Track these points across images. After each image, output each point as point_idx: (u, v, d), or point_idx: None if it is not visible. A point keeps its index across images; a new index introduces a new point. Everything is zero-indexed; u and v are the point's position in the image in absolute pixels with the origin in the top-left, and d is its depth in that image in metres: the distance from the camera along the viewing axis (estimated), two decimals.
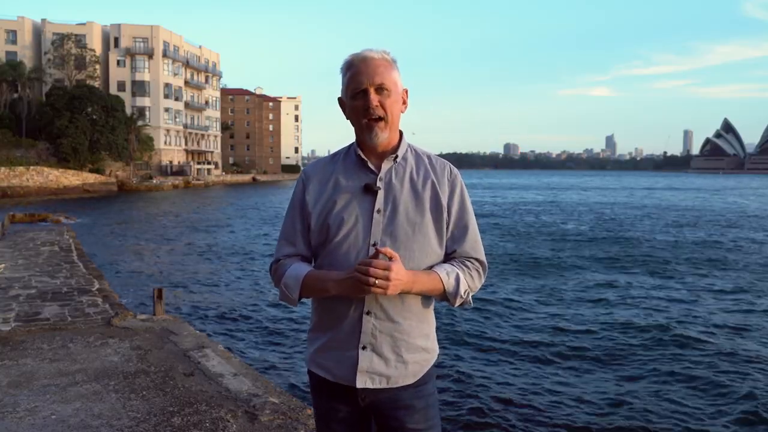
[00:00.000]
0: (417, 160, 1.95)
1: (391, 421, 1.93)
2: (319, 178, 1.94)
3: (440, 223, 1.90)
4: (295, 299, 1.89)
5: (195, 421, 4.12)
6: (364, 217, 1.85)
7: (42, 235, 17.51)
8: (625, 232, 29.66)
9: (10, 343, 6.06)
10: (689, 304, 13.92)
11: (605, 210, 46.41)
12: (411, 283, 1.78)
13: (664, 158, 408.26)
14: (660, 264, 19.70)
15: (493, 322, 11.90)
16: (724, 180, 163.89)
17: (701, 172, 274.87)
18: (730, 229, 31.58)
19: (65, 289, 9.28)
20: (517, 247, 23.72)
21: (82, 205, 42.75)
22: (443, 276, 1.85)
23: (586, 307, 13.48)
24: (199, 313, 12.65)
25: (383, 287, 1.71)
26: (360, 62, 1.86)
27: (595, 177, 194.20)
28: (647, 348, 10.32)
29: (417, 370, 1.92)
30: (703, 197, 68.40)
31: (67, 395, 4.61)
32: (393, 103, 1.88)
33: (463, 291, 1.86)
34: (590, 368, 9.26)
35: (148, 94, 79.41)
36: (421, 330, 1.92)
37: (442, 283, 1.84)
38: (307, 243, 1.94)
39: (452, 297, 1.86)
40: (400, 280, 1.73)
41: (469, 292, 1.90)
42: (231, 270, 18.38)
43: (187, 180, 77.86)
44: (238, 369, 5.30)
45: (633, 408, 7.69)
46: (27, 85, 66.17)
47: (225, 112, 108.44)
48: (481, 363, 9.45)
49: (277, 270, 1.94)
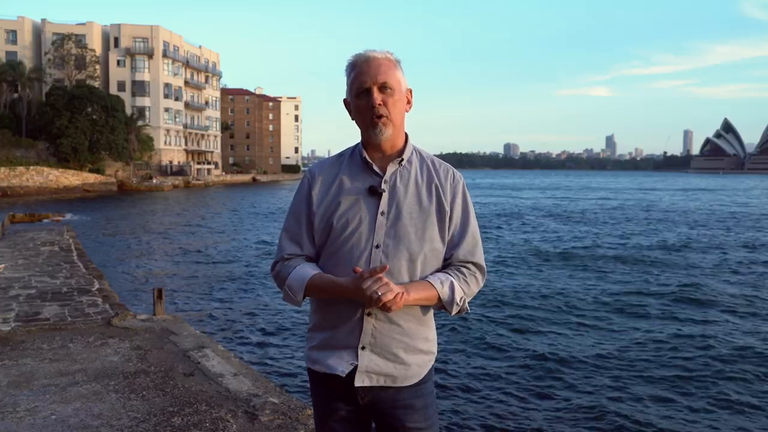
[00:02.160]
0: (421, 164, 1.97)
1: (390, 420, 1.93)
2: (324, 179, 1.95)
3: (443, 226, 1.91)
4: (299, 301, 1.90)
5: (195, 421, 4.12)
6: (369, 219, 1.86)
7: (42, 235, 17.50)
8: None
9: (10, 343, 6.06)
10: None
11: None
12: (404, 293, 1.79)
13: (664, 158, 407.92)
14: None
15: (493, 321, 11.90)
16: (746, 179, 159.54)
17: (701, 172, 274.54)
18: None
19: (65, 289, 9.27)
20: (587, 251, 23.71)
21: (82, 205, 42.75)
22: (437, 285, 1.86)
23: (598, 310, 13.48)
24: (199, 313, 12.65)
25: (389, 306, 1.75)
26: (363, 62, 1.87)
27: (622, 177, 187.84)
28: (651, 351, 10.32)
29: (416, 371, 1.93)
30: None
31: (67, 395, 4.61)
32: (397, 102, 1.89)
33: (458, 299, 1.88)
34: (590, 371, 9.27)
35: (148, 94, 79.39)
36: (421, 332, 1.93)
37: (436, 291, 1.85)
38: (312, 241, 1.94)
39: (448, 305, 1.88)
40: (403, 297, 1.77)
41: (465, 298, 1.91)
42: (231, 270, 18.37)
43: (187, 180, 77.83)
44: (238, 369, 5.30)
45: (636, 413, 7.69)
46: (27, 85, 66.15)
47: (225, 112, 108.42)
48: (481, 361, 9.45)
49: (281, 271, 1.93)
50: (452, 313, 1.90)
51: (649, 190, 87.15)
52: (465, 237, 1.94)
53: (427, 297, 1.85)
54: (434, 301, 1.87)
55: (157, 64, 79.92)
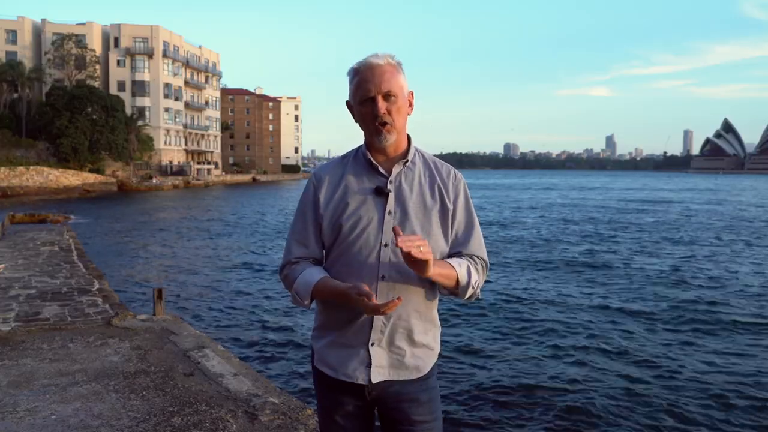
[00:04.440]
0: (424, 165, 2.03)
1: (396, 414, 1.99)
2: (330, 180, 1.99)
3: (446, 225, 1.98)
4: (307, 305, 1.96)
5: (195, 421, 4.12)
6: (377, 218, 1.92)
7: (42, 235, 17.49)
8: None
9: (10, 343, 6.06)
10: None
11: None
12: (431, 263, 1.80)
13: (664, 158, 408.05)
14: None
15: (492, 322, 11.90)
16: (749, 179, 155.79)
17: (701, 172, 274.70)
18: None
19: (65, 289, 9.27)
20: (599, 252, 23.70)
21: (82, 205, 42.73)
22: (456, 266, 1.92)
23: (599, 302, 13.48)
24: (199, 313, 12.65)
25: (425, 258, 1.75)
26: (367, 70, 1.91)
27: (627, 177, 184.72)
28: (661, 345, 10.32)
29: (422, 365, 1.99)
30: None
31: (67, 395, 4.61)
32: (400, 108, 1.94)
33: (474, 282, 1.94)
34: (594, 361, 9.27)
35: (148, 94, 79.40)
36: (426, 328, 2.00)
37: (455, 272, 1.90)
38: (320, 244, 2.00)
39: (464, 287, 1.93)
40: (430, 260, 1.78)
41: (478, 284, 1.97)
42: (231, 270, 18.37)
43: (187, 180, 77.83)
44: (238, 369, 5.30)
45: (640, 406, 7.69)
46: (27, 85, 66.18)
47: (225, 112, 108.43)
48: (481, 360, 9.45)
49: (289, 275, 1.99)
50: (465, 297, 1.95)
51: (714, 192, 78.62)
52: (468, 234, 2.01)
53: (448, 275, 1.90)
54: (453, 280, 1.91)
55: (157, 64, 79.93)
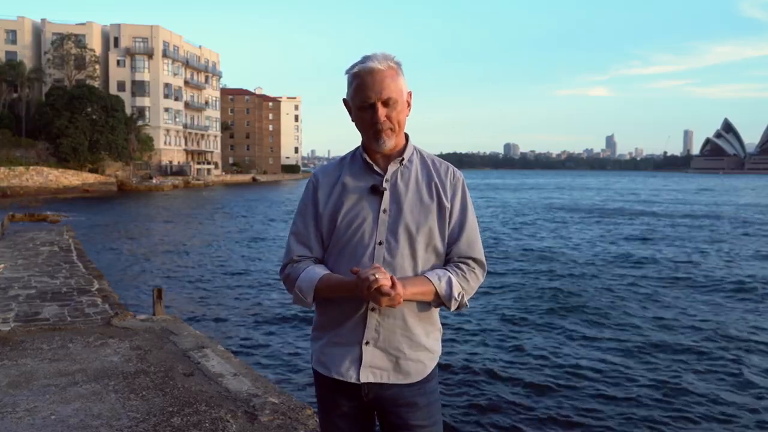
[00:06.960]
0: (422, 163, 2.01)
1: (394, 418, 1.97)
2: (328, 181, 2.00)
3: (443, 223, 1.96)
4: (310, 302, 1.95)
5: (195, 422, 4.11)
6: (371, 217, 1.92)
7: (42, 235, 17.49)
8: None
9: (10, 343, 6.05)
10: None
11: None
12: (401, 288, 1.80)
13: (664, 158, 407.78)
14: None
15: (493, 320, 11.89)
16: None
17: (701, 172, 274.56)
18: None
19: (65, 289, 9.27)
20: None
21: (82, 205, 42.73)
22: (434, 280, 1.89)
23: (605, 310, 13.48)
24: (199, 313, 12.64)
25: (387, 293, 1.76)
26: (366, 75, 1.88)
27: (636, 178, 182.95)
28: (667, 351, 10.31)
29: (420, 368, 1.96)
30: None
31: (66, 395, 4.60)
32: (400, 112, 1.93)
33: (456, 294, 1.90)
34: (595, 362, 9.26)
35: (147, 94, 79.37)
36: (425, 328, 1.97)
37: (433, 286, 1.88)
38: (320, 243, 1.99)
39: (446, 300, 1.90)
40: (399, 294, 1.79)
41: (464, 294, 1.93)
42: (231, 270, 18.36)
43: (186, 180, 77.81)
44: (237, 369, 5.29)
45: (640, 409, 7.69)
46: (27, 85, 66.21)
47: (225, 112, 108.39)
48: (481, 360, 9.44)
49: (290, 273, 1.98)
50: (451, 309, 1.93)
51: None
52: (463, 232, 1.97)
53: (424, 291, 1.88)
54: (432, 296, 1.89)
55: (157, 64, 79.90)
